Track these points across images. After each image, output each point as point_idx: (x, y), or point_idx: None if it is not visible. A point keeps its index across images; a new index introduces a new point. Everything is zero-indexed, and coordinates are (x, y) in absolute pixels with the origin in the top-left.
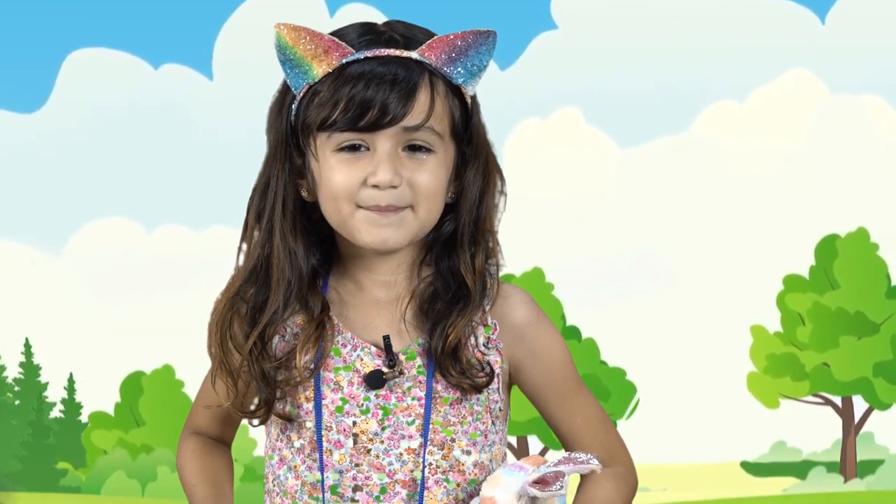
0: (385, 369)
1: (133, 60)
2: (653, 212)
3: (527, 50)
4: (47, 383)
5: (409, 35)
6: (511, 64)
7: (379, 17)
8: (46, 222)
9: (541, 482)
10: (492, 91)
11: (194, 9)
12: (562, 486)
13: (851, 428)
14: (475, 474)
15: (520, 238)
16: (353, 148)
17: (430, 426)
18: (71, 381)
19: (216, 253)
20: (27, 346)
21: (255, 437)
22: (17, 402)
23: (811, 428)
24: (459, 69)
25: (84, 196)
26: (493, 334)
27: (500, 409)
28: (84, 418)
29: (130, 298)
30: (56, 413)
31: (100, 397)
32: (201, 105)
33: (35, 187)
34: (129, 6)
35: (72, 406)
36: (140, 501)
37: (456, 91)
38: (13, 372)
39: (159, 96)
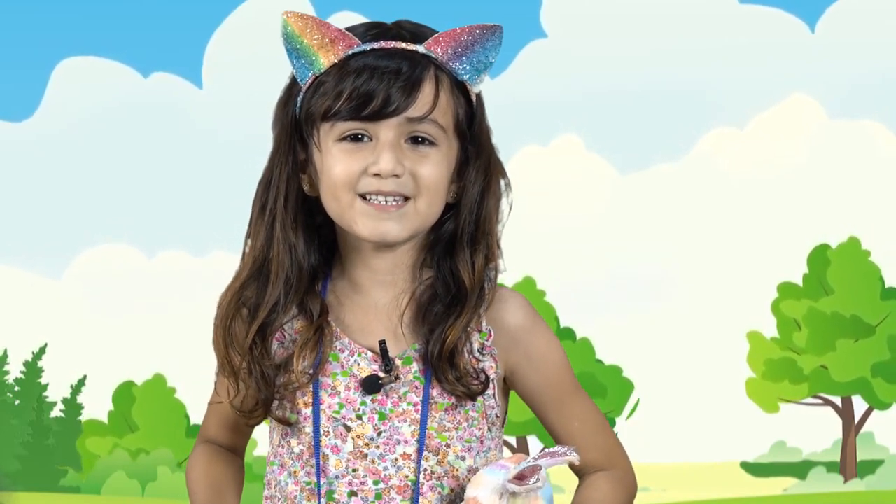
0: (381, 374)
1: (123, 69)
2: (649, 226)
3: (517, 58)
4: (48, 384)
5: (416, 31)
6: (501, 72)
7: None
8: (46, 246)
9: (519, 477)
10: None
11: (184, 17)
12: (538, 479)
13: (851, 428)
14: (469, 479)
15: (515, 248)
16: (356, 138)
17: (426, 432)
18: (81, 382)
19: (215, 274)
20: (42, 350)
21: (256, 437)
22: (17, 403)
23: (811, 428)
24: (465, 65)
25: (79, 212)
26: (487, 340)
27: (497, 416)
28: (84, 419)
29: (127, 314)
30: (56, 413)
31: (94, 406)
32: (191, 113)
33: (30, 202)
34: (120, 15)
35: (72, 406)
36: (140, 501)
37: (461, 88)
38: (15, 372)
39: (149, 104)
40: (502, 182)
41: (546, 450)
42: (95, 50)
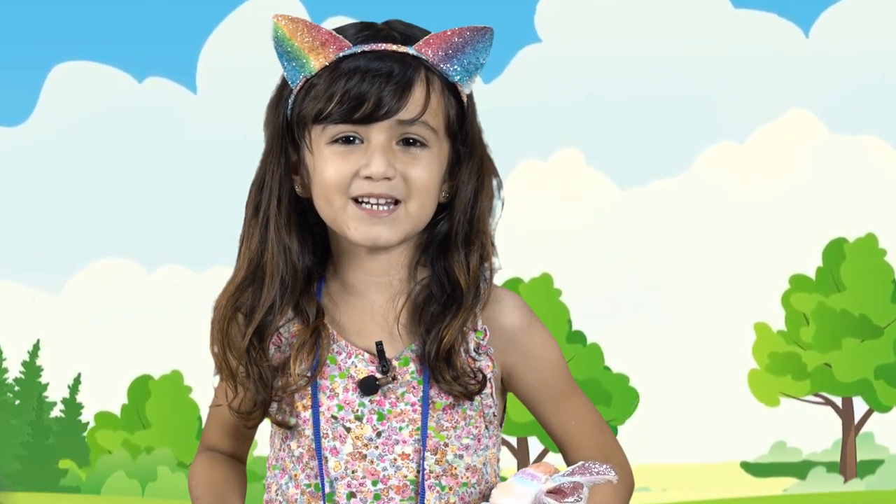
0: (378, 375)
1: (117, 73)
2: (659, 220)
3: (511, 63)
4: (48, 384)
5: (407, 32)
6: (495, 77)
7: None
8: (45, 260)
9: (557, 492)
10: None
11: (179, 21)
12: (581, 499)
13: (851, 428)
14: (467, 478)
15: (530, 244)
16: (348, 140)
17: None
18: (77, 381)
19: (214, 287)
20: (36, 347)
21: (257, 437)
22: (17, 402)
23: (811, 428)
24: (456, 66)
25: (75, 219)
26: (483, 340)
27: (495, 415)
28: (85, 418)
29: (130, 315)
30: (56, 413)
31: (106, 399)
32: (186, 117)
33: (25, 207)
34: (114, 19)
35: (72, 406)
36: (140, 501)
37: (452, 89)
38: (14, 372)
39: (144, 108)
40: (495, 181)
41: (581, 465)
42: (90, 54)
